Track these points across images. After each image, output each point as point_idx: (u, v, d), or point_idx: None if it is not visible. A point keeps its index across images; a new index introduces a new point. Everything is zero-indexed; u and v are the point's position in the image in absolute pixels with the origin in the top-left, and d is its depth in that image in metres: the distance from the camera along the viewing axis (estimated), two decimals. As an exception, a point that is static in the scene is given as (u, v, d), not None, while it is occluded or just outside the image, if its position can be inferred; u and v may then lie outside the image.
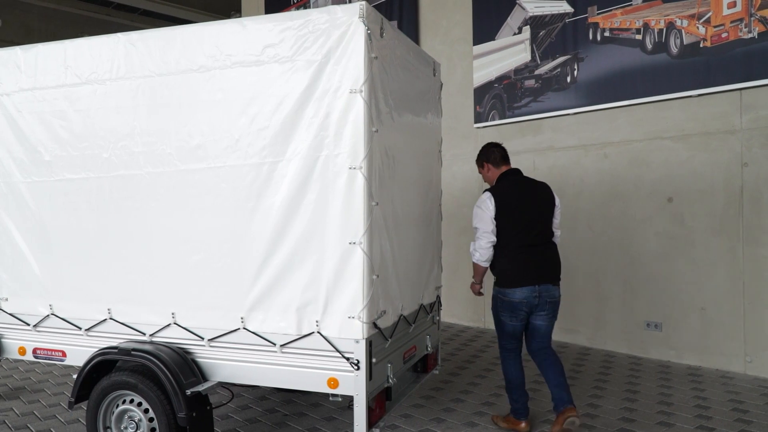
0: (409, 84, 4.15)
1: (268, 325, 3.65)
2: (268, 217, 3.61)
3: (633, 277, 6.83)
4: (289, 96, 3.55)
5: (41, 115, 4.23)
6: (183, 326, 3.87)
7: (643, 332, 6.78)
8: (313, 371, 3.58)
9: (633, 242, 6.83)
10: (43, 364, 6.56)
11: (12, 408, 5.26)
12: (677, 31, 6.36)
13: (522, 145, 7.87)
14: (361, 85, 3.40)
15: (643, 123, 6.73)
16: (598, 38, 7.01)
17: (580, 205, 7.26)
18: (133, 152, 3.97)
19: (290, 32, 3.55)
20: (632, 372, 6.18)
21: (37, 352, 4.39)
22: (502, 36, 8.05)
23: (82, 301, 4.16)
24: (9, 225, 4.38)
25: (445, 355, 6.87)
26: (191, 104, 3.81)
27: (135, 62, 3.96)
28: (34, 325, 4.36)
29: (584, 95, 7.17)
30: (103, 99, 4.05)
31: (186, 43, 3.82)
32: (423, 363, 4.74)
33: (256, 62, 3.64)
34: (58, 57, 4.19)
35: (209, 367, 3.83)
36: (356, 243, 3.42)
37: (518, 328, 4.53)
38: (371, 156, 3.45)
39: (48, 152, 4.22)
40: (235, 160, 3.69)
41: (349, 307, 3.46)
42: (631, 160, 6.83)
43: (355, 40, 3.41)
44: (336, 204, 3.47)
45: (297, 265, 3.56)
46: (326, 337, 3.52)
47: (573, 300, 7.33)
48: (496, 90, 8.13)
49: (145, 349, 3.80)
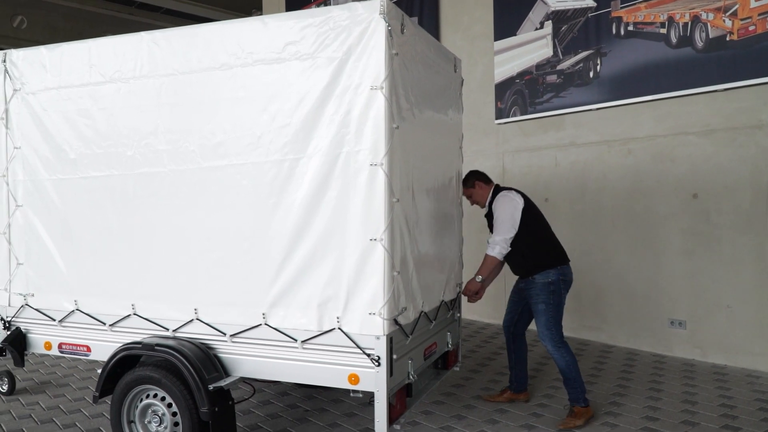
0: (429, 80, 4.15)
1: (290, 321, 3.68)
2: (289, 213, 3.63)
3: (657, 275, 6.77)
4: (310, 93, 3.58)
5: (66, 114, 4.30)
6: (205, 322, 3.91)
7: (667, 330, 6.71)
8: (334, 367, 3.60)
9: (657, 239, 6.76)
10: (68, 359, 6.67)
11: (38, 402, 5.36)
12: (703, 25, 6.28)
13: (544, 141, 7.82)
14: (382, 82, 3.41)
15: (667, 118, 6.66)
16: (621, 32, 6.95)
17: (603, 202, 7.21)
18: (157, 150, 4.02)
19: (311, 29, 3.57)
20: (656, 370, 6.12)
21: (62, 347, 4.47)
22: (523, 31, 8.01)
23: (107, 297, 4.23)
24: (35, 222, 4.47)
25: (466, 351, 6.86)
26: (213, 102, 3.85)
27: (158, 61, 4.01)
28: (59, 320, 4.43)
29: (607, 90, 7.11)
30: (126, 97, 4.10)
31: (208, 41, 3.86)
32: (444, 360, 4.75)
33: (277, 60, 3.66)
34: (82, 56, 4.25)
35: (231, 362, 3.87)
36: (377, 240, 3.43)
37: None
38: (392, 152, 3.46)
39: (73, 150, 4.29)
40: (256, 157, 3.72)
41: (370, 303, 3.48)
42: (655, 156, 6.77)
43: (375, 37, 3.42)
44: (357, 201, 3.48)
45: (318, 261, 3.58)
46: (347, 333, 3.54)
47: (596, 297, 7.28)
48: (518, 86, 8.09)
49: (168, 345, 3.85)
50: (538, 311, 4.73)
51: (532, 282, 4.75)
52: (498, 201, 4.80)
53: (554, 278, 4.70)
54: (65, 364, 6.58)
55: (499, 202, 4.78)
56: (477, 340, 7.44)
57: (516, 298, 5.11)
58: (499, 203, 4.77)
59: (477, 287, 4.81)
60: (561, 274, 4.73)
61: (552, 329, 4.67)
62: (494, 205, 4.81)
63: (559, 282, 4.72)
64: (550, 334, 4.68)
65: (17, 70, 4.48)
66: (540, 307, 4.71)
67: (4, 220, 4.58)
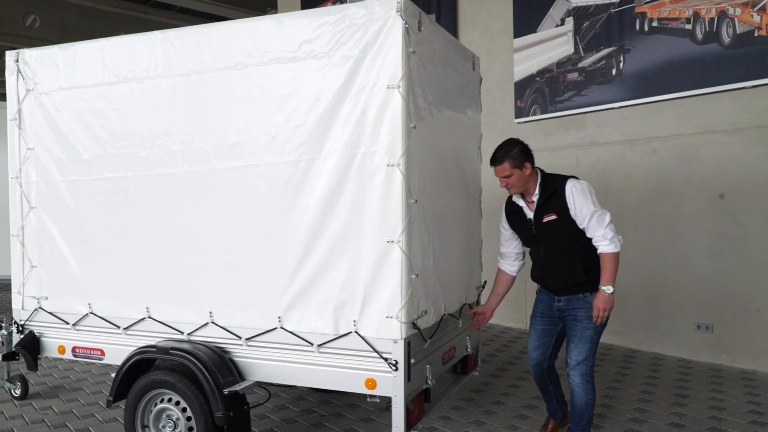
0: (447, 79, 4.14)
1: (305, 324, 3.69)
2: (305, 215, 3.64)
3: (682, 277, 6.70)
4: (326, 92, 3.58)
5: (79, 114, 4.34)
6: (220, 325, 3.93)
7: (693, 334, 6.64)
8: (350, 371, 3.60)
9: (682, 240, 6.69)
10: (81, 363, 6.73)
11: (51, 406, 5.41)
12: (730, 20, 6.21)
13: (564, 141, 7.78)
14: (399, 81, 3.41)
15: (692, 116, 6.60)
16: (645, 28, 6.89)
17: (626, 202, 7.15)
18: (171, 150, 4.04)
19: (327, 27, 3.58)
20: (682, 376, 6.06)
21: (76, 351, 4.51)
22: (543, 28, 7.97)
23: (121, 300, 4.26)
24: (48, 224, 4.51)
25: (486, 356, 6.84)
26: (228, 102, 3.86)
27: (172, 60, 4.03)
28: (73, 323, 4.47)
29: (630, 88, 7.05)
30: (140, 97, 4.14)
31: (223, 40, 3.88)
32: (463, 364, 4.74)
33: (292, 59, 3.67)
34: (95, 55, 4.29)
35: (246, 366, 3.89)
36: (394, 241, 3.43)
37: None
38: (409, 153, 3.46)
39: (86, 151, 4.33)
40: (271, 157, 3.73)
41: (387, 306, 3.48)
42: (680, 155, 6.70)
43: (392, 35, 3.42)
44: (373, 202, 3.48)
45: (334, 263, 3.59)
46: (364, 337, 3.54)
47: (619, 301, 7.19)
48: (538, 84, 8.05)
49: (183, 348, 3.87)
50: (583, 337, 3.98)
51: (583, 301, 4.00)
52: (574, 192, 3.89)
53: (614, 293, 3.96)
54: (79, 368, 6.64)
55: (576, 192, 3.89)
56: (497, 344, 7.41)
57: (546, 325, 4.23)
58: (578, 193, 3.89)
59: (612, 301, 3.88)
60: None
61: (590, 360, 4.00)
62: (571, 198, 3.89)
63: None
64: (586, 367, 4.00)
65: (30, 69, 4.52)
66: (587, 334, 3.98)
67: (18, 222, 4.63)
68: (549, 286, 4.13)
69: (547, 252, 4.07)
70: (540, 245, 4.10)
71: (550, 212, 3.97)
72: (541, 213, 4.01)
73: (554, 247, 4.04)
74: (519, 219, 4.17)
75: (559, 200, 3.94)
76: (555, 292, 4.10)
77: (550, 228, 3.99)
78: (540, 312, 4.26)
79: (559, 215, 3.94)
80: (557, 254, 4.01)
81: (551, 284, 4.09)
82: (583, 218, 3.87)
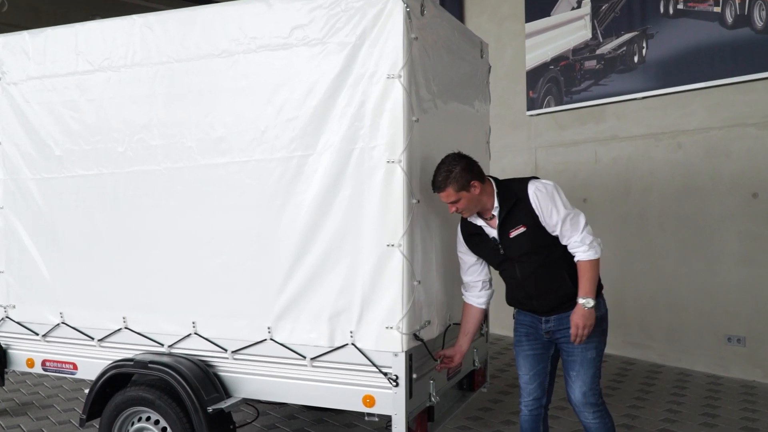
0: (453, 67, 4.15)
1: (298, 335, 3.70)
2: (298, 216, 3.65)
3: (711, 284, 6.71)
4: (320, 82, 3.59)
5: (51, 106, 4.35)
6: (204, 337, 3.94)
7: (723, 347, 6.65)
8: (346, 387, 3.61)
9: (711, 244, 6.70)
10: (52, 378, 6.73)
11: (19, 425, 5.42)
12: (762, 2, 6.23)
13: (581, 135, 7.80)
14: (400, 70, 3.42)
15: (722, 108, 6.61)
16: (670, 11, 6.91)
17: (650, 203, 7.17)
18: (150, 146, 4.06)
19: (321, 11, 3.59)
20: (711, 393, 6.07)
21: (46, 365, 4.52)
22: (558, 11, 7.99)
23: (95, 309, 4.27)
24: (17, 226, 4.52)
25: (495, 371, 6.85)
26: (213, 92, 3.88)
27: (152, 47, 4.05)
28: (43, 334, 4.48)
29: (654, 77, 7.07)
30: (117, 87, 4.15)
31: (207, 25, 3.89)
32: (469, 380, 4.74)
33: (283, 45, 3.69)
34: (68, 42, 4.30)
35: (233, 381, 3.90)
36: (395, 245, 3.44)
37: None
38: (411, 148, 3.47)
39: (58, 146, 4.34)
40: (261, 153, 3.75)
41: (387, 316, 3.49)
42: (709, 151, 6.71)
43: (392, 20, 3.43)
44: (372, 202, 3.50)
45: (329, 269, 3.60)
46: (361, 349, 3.55)
47: (642, 311, 7.24)
48: (552, 73, 8.07)
49: (163, 362, 3.88)
50: (585, 362, 3.63)
51: None
52: (539, 195, 3.55)
53: (605, 310, 3.70)
54: (49, 383, 6.65)
55: (541, 195, 3.55)
56: (506, 358, 7.42)
57: (536, 350, 3.78)
58: (543, 196, 3.55)
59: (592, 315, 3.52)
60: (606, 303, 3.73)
61: (597, 386, 3.65)
62: (536, 203, 3.55)
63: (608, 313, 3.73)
64: (595, 396, 3.63)
65: (-3, 58, 4.54)
66: (589, 356, 3.63)
67: (-17, 224, 4.64)
68: (535, 308, 3.71)
69: (523, 270, 3.65)
70: (513, 264, 3.67)
71: (517, 225, 3.59)
72: (506, 228, 3.61)
73: (531, 263, 3.63)
74: (480, 241, 3.76)
75: (524, 209, 3.58)
76: (541, 313, 3.71)
77: (520, 242, 3.60)
78: (525, 335, 3.81)
79: (528, 226, 3.57)
80: (537, 270, 3.63)
81: (538, 306, 3.69)
82: (555, 225, 3.54)
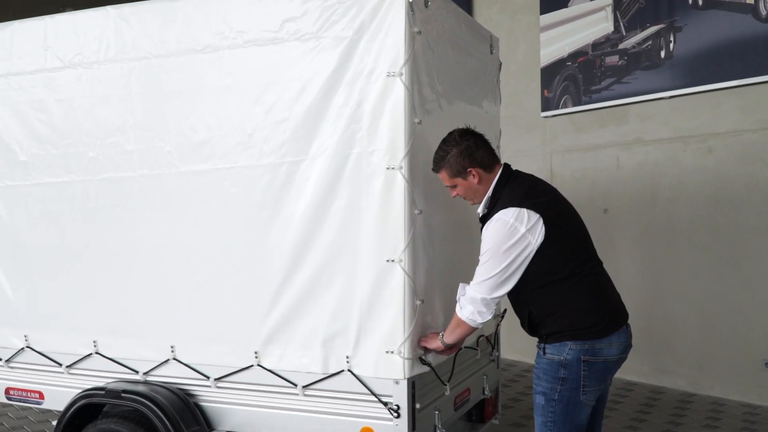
0: (460, 64, 4.17)
1: (288, 361, 3.70)
2: (288, 229, 3.66)
3: (747, 304, 6.71)
4: (314, 81, 3.60)
5: (16, 106, 4.37)
6: (184, 363, 3.94)
7: (761, 374, 6.65)
8: (342, 419, 3.60)
9: (746, 259, 6.71)
10: (16, 408, 6.71)
11: (-21, 461, 5.42)
12: (801, -7, 6.27)
13: (602, 138, 7.81)
14: (401, 67, 3.43)
15: (756, 108, 6.63)
16: (699, 2, 6.94)
17: (678, 213, 7.17)
18: (125, 150, 4.07)
19: (315, 3, 3.60)
20: (747, 425, 6.07)
21: (9, 393, 4.52)
22: (577, 2, 8.02)
23: (63, 332, 4.27)
24: (-23, 239, 4.53)
25: (507, 400, 6.84)
26: (194, 92, 3.89)
27: (127, 41, 4.06)
28: (6, 360, 4.48)
29: (682, 74, 7.09)
30: (89, 86, 4.16)
31: (189, 17, 3.91)
32: (479, 410, 4.73)
33: (273, 40, 3.70)
34: (36, 36, 4.32)
35: (216, 412, 3.90)
36: (395, 261, 3.45)
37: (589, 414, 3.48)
38: (413, 153, 3.48)
39: (23, 151, 4.35)
40: (247, 159, 3.75)
41: (387, 339, 3.48)
42: (742, 156, 6.73)
43: (393, 12, 3.44)
44: (370, 213, 3.50)
45: (323, 288, 3.60)
46: (359, 376, 3.55)
47: (671, 333, 7.23)
48: (570, 69, 8.09)
49: (138, 391, 3.87)
50: (534, 405, 3.50)
51: (538, 355, 3.48)
52: (491, 225, 3.36)
53: (570, 357, 3.32)
54: (13, 413, 6.63)
55: (493, 225, 3.34)
56: (520, 386, 7.41)
57: None
58: (493, 226, 3.34)
59: (438, 348, 3.56)
60: (591, 351, 3.32)
61: None
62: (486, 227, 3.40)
63: (581, 363, 3.32)
64: None
65: (-43, 53, 4.56)
66: (536, 400, 3.46)
67: (-60, 237, 4.65)
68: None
69: None
70: None
71: None
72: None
73: None
74: None
75: None
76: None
77: None
78: None
79: None
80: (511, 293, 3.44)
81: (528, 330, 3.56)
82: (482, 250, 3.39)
